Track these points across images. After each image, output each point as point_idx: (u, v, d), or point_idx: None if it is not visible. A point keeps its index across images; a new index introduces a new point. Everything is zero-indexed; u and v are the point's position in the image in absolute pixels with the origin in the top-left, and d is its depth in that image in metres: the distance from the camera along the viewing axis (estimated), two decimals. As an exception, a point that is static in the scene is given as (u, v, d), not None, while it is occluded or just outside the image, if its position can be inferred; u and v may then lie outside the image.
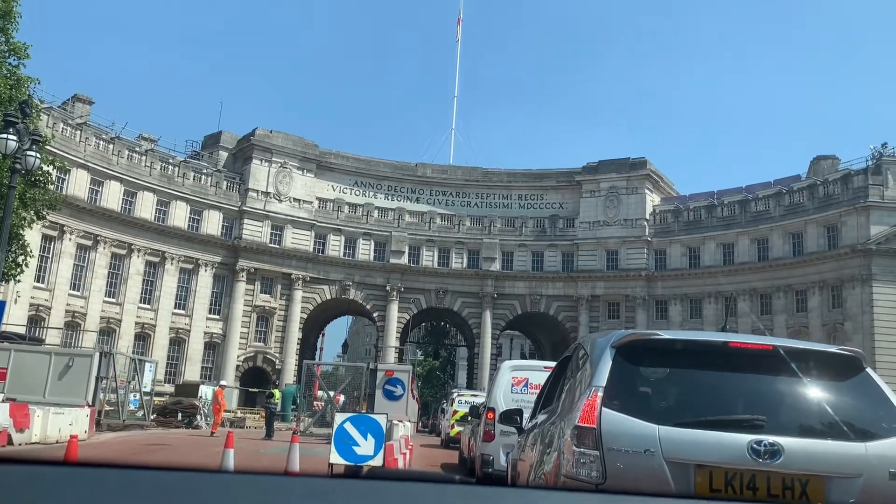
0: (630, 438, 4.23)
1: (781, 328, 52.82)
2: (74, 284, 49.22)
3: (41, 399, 22.29)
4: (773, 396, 4.51)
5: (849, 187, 50.75)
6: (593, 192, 62.89)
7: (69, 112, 50.42)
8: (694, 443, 4.17)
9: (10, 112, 19.05)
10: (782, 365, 4.47)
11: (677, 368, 4.67)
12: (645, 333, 5.00)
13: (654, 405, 4.52)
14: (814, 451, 4.13)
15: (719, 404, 4.49)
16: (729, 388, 4.63)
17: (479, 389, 49.38)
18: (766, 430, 4.15)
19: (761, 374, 4.57)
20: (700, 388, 4.61)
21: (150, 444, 22.00)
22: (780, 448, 4.07)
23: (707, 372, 4.61)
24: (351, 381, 40.77)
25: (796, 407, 4.47)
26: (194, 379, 49.23)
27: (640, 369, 4.75)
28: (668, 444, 4.16)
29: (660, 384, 4.75)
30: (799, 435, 4.20)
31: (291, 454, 13.30)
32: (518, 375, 13.45)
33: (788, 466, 4.06)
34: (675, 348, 4.80)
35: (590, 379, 4.62)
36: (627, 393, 4.53)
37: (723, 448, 4.13)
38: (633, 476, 4.15)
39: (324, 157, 63.56)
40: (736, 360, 4.63)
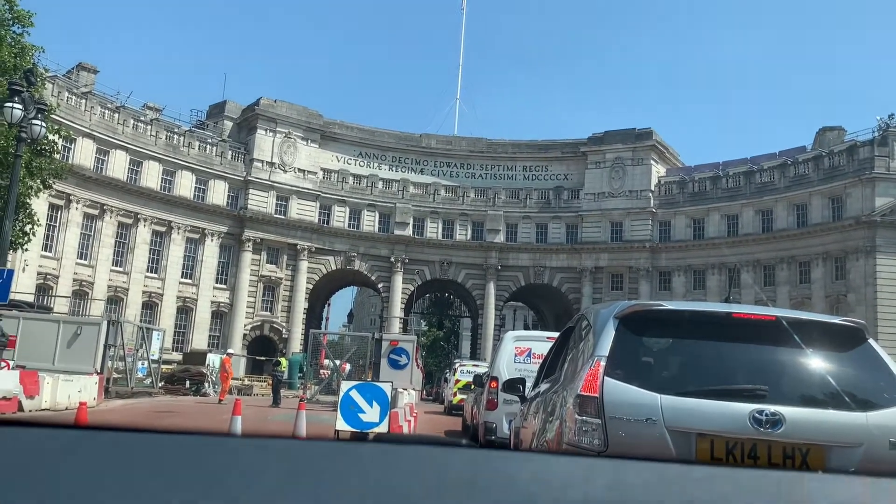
0: (632, 407, 4.28)
1: (784, 299, 52.89)
2: (81, 253, 49.47)
3: (50, 366, 22.57)
4: (775, 367, 4.55)
5: (854, 159, 50.50)
6: (598, 164, 62.66)
7: (74, 81, 50.26)
8: (696, 412, 4.22)
9: (14, 81, 19.10)
10: (785, 336, 4.50)
11: (680, 339, 4.71)
12: (648, 304, 5.06)
13: (657, 375, 4.56)
14: (815, 421, 4.18)
15: (722, 374, 4.53)
16: (731, 359, 4.65)
17: (482, 359, 49.92)
18: (768, 400, 4.19)
19: (764, 345, 4.59)
20: (702, 359, 4.67)
21: (159, 410, 22.31)
22: (782, 417, 4.11)
23: (710, 342, 4.65)
24: (356, 350, 41.21)
25: (798, 377, 4.51)
26: (202, 347, 49.61)
27: (643, 339, 4.77)
28: (670, 413, 4.21)
29: (662, 354, 4.79)
30: (800, 405, 4.24)
31: (298, 421, 13.54)
32: (521, 345, 13.67)
33: (790, 436, 4.11)
34: (678, 319, 4.85)
35: (593, 349, 4.67)
36: (630, 363, 4.56)
37: (724, 417, 4.17)
38: (635, 444, 4.21)
39: (328, 128, 63.36)
40: (739, 330, 4.64)
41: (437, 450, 1.21)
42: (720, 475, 1.21)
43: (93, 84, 51.76)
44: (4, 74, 23.33)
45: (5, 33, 24.76)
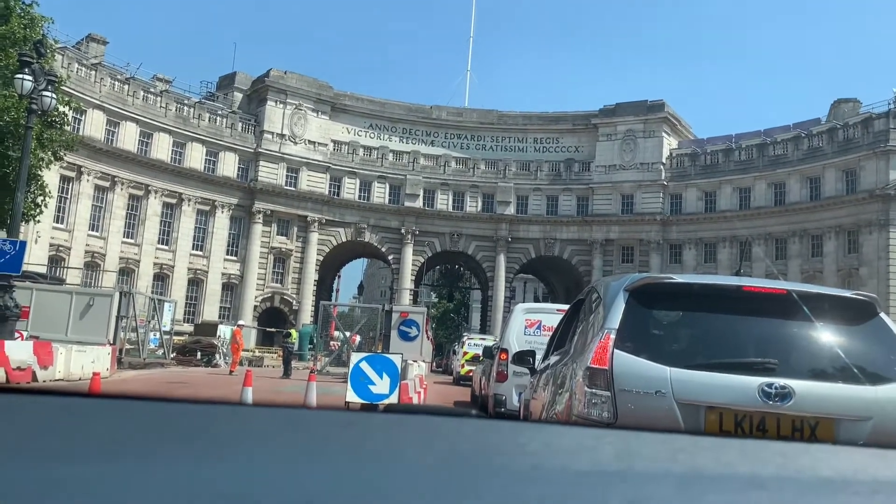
0: (641, 380, 4.27)
1: (796, 273, 52.67)
2: (93, 225, 49.72)
3: (63, 337, 22.75)
4: (785, 340, 4.54)
5: (869, 131, 49.93)
6: (610, 136, 62.25)
7: (83, 52, 50.14)
8: (705, 385, 4.20)
9: (24, 52, 19.04)
10: (795, 309, 4.44)
11: (690, 312, 4.67)
12: (658, 277, 5.03)
13: (667, 348, 4.55)
14: (824, 394, 4.16)
15: (731, 347, 4.51)
16: (741, 332, 4.64)
17: (491, 331, 50.27)
18: (778, 373, 4.17)
19: (774, 319, 4.55)
20: (712, 332, 4.64)
21: (171, 381, 22.49)
22: (791, 391, 4.09)
23: (720, 315, 4.61)
24: (367, 322, 41.35)
25: (808, 351, 4.49)
26: (213, 319, 49.94)
27: (653, 312, 4.76)
28: (680, 385, 4.20)
29: (672, 327, 4.78)
30: (810, 378, 4.23)
31: (309, 392, 13.63)
32: (531, 318, 13.62)
33: (799, 409, 4.09)
34: (689, 292, 4.80)
35: (602, 321, 4.66)
36: (640, 335, 4.55)
37: (734, 390, 4.16)
38: (644, 416, 4.21)
39: (338, 99, 63.11)
40: (749, 304, 4.62)
41: (447, 420, 1.21)
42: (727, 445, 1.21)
43: (102, 55, 51.67)
44: (14, 46, 23.29)
45: (14, 4, 24.67)
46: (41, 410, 1.12)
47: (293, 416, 1.20)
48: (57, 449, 1.00)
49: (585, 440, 1.17)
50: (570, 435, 1.23)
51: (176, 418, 1.14)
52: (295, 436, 1.12)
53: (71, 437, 1.04)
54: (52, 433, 1.05)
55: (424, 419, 1.23)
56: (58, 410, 1.13)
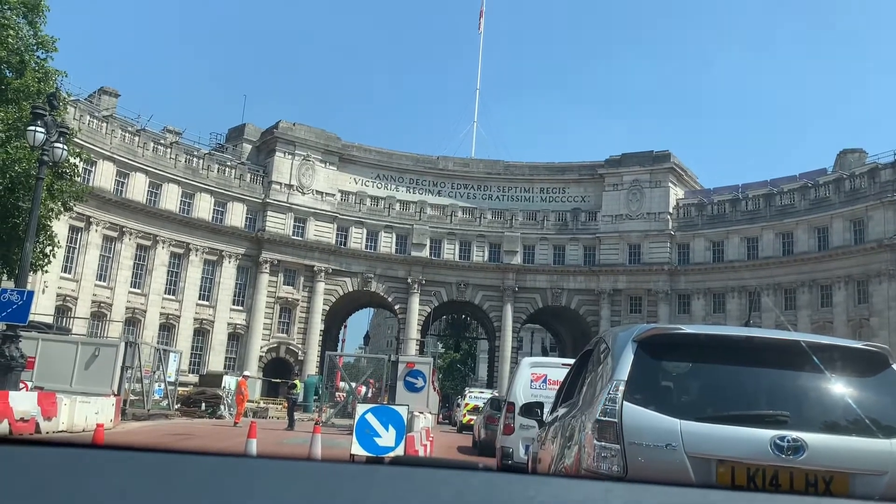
0: (652, 432, 4.19)
1: (806, 323, 52.26)
2: (100, 275, 49.88)
3: (68, 388, 22.63)
4: (796, 392, 4.45)
5: (876, 181, 50.02)
6: (616, 186, 62.52)
7: (95, 104, 50.99)
8: (716, 438, 4.12)
9: (38, 104, 19.33)
10: (806, 360, 4.36)
11: (700, 363, 4.58)
12: (667, 327, 4.95)
13: (676, 399, 4.48)
14: (838, 448, 4.06)
15: (742, 399, 4.44)
16: (752, 383, 4.55)
17: (498, 382, 50.58)
18: (790, 426, 4.09)
19: (785, 370, 4.48)
20: (723, 383, 4.56)
21: (175, 433, 22.27)
22: (804, 444, 4.01)
23: (730, 367, 4.52)
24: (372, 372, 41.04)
25: (820, 403, 4.39)
26: (218, 369, 49.67)
27: (662, 363, 4.66)
28: (690, 438, 4.11)
29: (682, 378, 4.66)
30: (823, 431, 4.14)
31: (314, 444, 13.42)
32: (537, 371, 13.87)
33: (812, 462, 4.00)
34: (698, 343, 4.73)
35: (611, 372, 4.58)
36: (649, 387, 4.48)
37: (745, 443, 4.07)
38: (655, 470, 4.10)
39: (346, 150, 63.77)
40: (759, 354, 4.55)
41: (455, 473, 1.19)
42: (738, 499, 1.19)
43: (114, 108, 52.50)
44: (28, 99, 23.65)
45: (29, 58, 25.13)
46: (44, 462, 1.12)
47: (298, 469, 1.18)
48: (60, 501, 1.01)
49: (594, 493, 1.15)
50: (578, 488, 1.20)
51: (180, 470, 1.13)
52: (300, 488, 1.11)
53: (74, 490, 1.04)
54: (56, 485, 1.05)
55: (430, 472, 1.20)
56: (61, 462, 1.12)
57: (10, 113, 23.47)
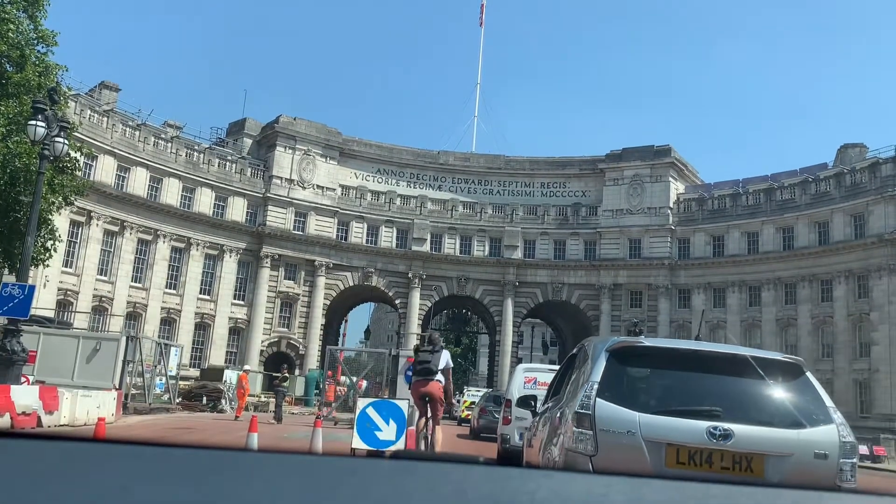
0: (617, 422, 5.36)
1: (806, 318, 52.30)
2: (102, 269, 49.92)
3: (69, 382, 22.66)
4: (729, 392, 5.65)
5: (876, 176, 49.97)
6: (616, 181, 62.48)
7: (96, 99, 50.97)
8: (665, 427, 5.29)
9: (38, 99, 19.33)
10: (739, 368, 5.68)
11: (655, 369, 5.90)
12: (632, 340, 6.22)
13: (637, 397, 5.66)
14: (758, 436, 5.24)
15: (687, 398, 5.64)
16: (695, 386, 5.77)
17: (499, 376, 51.17)
18: (722, 419, 5.24)
19: (721, 375, 5.74)
20: (672, 385, 5.81)
21: (176, 427, 22.31)
22: (732, 432, 5.16)
23: (678, 372, 5.80)
24: (373, 366, 41.09)
25: (747, 401, 5.62)
26: (219, 363, 49.77)
27: (627, 369, 5.86)
28: (646, 427, 5.29)
29: (642, 381, 5.93)
30: (747, 423, 5.29)
31: (315, 438, 13.45)
32: (529, 375, 16.90)
33: (738, 447, 5.16)
34: (655, 354, 6.02)
35: (588, 375, 5.76)
36: (616, 387, 5.63)
37: (687, 431, 5.24)
38: (618, 451, 5.29)
39: (347, 145, 63.73)
40: (702, 364, 5.85)
41: (455, 467, 1.20)
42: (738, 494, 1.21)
43: (115, 102, 52.49)
44: (28, 93, 23.66)
45: (30, 52, 25.12)
46: (46, 456, 1.12)
47: (299, 463, 1.19)
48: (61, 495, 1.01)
49: (595, 488, 1.16)
50: (579, 483, 1.22)
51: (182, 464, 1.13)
52: (301, 483, 1.11)
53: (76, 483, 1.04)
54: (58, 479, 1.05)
55: (431, 466, 1.21)
56: (63, 456, 1.12)
57: (10, 107, 23.49)
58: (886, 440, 40.73)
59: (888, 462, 37.88)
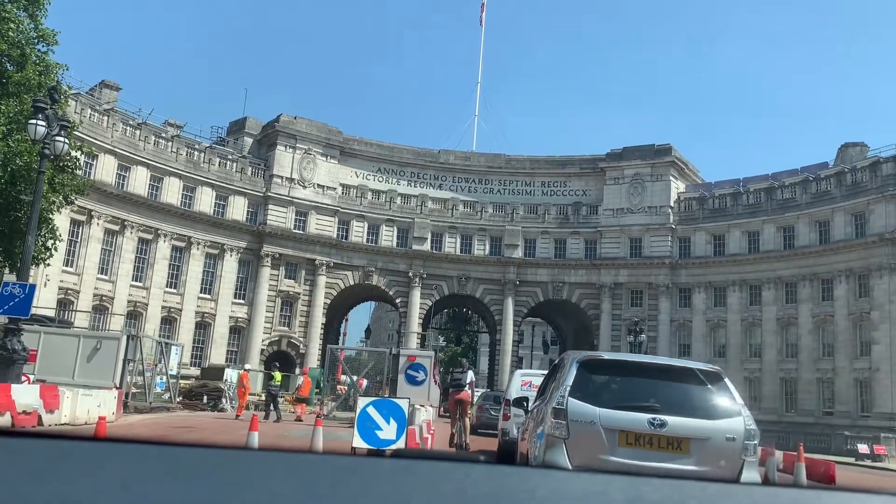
0: (583, 414, 7.22)
1: (807, 317, 52.26)
2: (102, 269, 49.91)
3: (70, 381, 22.68)
4: (665, 393, 7.54)
5: (877, 175, 49.92)
6: (617, 180, 62.43)
7: (97, 98, 50.94)
8: (618, 418, 7.16)
9: (39, 98, 19.33)
10: (674, 375, 7.93)
11: (612, 376, 7.96)
12: (596, 355, 8.57)
13: (598, 396, 7.49)
14: (685, 424, 7.11)
15: (634, 397, 7.50)
16: (641, 388, 7.68)
17: (499, 375, 51.15)
18: (659, 412, 7.09)
19: (661, 381, 7.82)
20: (624, 388, 7.76)
21: (177, 426, 22.33)
22: (666, 422, 7.02)
23: (629, 378, 7.89)
24: (374, 365, 41.07)
25: (678, 399, 7.47)
26: (220, 362, 49.74)
27: (592, 376, 7.78)
28: (604, 418, 7.16)
29: (602, 384, 7.81)
30: (678, 415, 7.15)
31: (315, 437, 13.44)
32: (525, 379, 19.57)
33: (670, 432, 7.02)
34: (612, 364, 8.30)
35: (564, 380, 7.71)
36: (583, 389, 7.50)
37: (633, 421, 7.10)
38: (584, 435, 7.17)
39: (347, 144, 63.69)
40: (647, 372, 8.09)
41: (456, 466, 1.20)
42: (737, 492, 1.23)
43: (115, 101, 52.47)
44: (29, 92, 23.68)
45: (30, 51, 25.14)
46: (46, 455, 1.12)
47: (299, 462, 1.19)
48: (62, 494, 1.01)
49: (594, 486, 1.17)
50: (578, 481, 1.22)
51: (181, 463, 1.13)
52: (301, 481, 1.11)
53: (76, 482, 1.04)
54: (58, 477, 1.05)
55: (432, 465, 1.22)
56: (63, 455, 1.12)
57: (10, 106, 23.51)
58: (887, 439, 40.72)
59: (888, 461, 37.90)
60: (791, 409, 52.05)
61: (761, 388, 53.81)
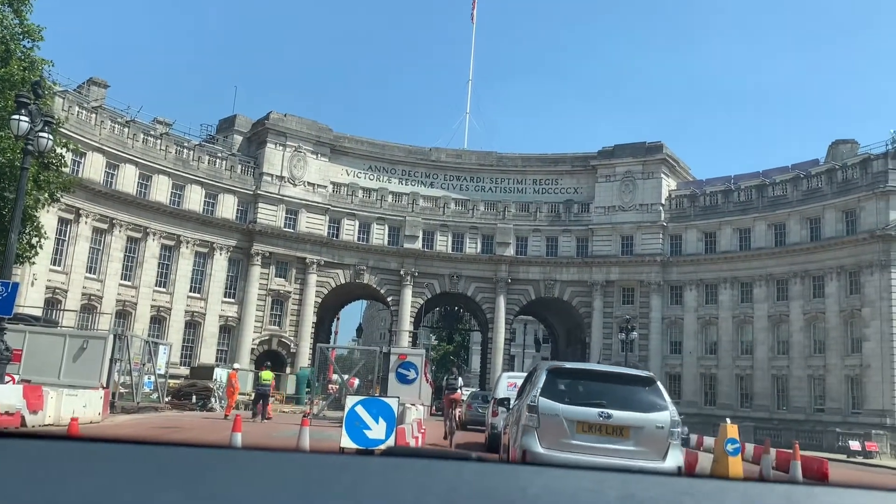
0: (549, 409, 9.59)
1: (798, 314, 52.31)
2: (90, 267, 49.48)
3: (56, 381, 22.42)
4: (612, 393, 9.90)
5: (868, 172, 49.98)
6: (609, 177, 62.35)
7: (85, 95, 50.50)
8: (575, 412, 9.55)
9: (21, 93, 19.00)
10: (618, 379, 10.50)
11: (572, 380, 10.34)
12: (560, 364, 10.95)
13: (561, 396, 9.80)
14: (626, 416, 9.48)
15: (588, 396, 9.81)
16: (594, 390, 10.00)
17: (491, 374, 51.43)
18: (606, 407, 9.47)
19: (608, 384, 10.23)
20: (581, 389, 10.04)
21: (163, 426, 22.08)
22: (612, 415, 9.41)
23: (585, 381, 10.33)
24: (365, 364, 40.82)
25: (621, 398, 9.79)
26: (209, 362, 49.42)
27: (557, 380, 10.11)
28: (565, 412, 9.54)
29: (564, 387, 10.04)
30: (621, 409, 9.51)
31: (302, 437, 13.22)
32: (511, 381, 22.37)
33: (615, 422, 9.42)
34: (572, 371, 10.80)
35: (536, 383, 10.16)
36: (551, 390, 9.85)
37: (587, 414, 9.49)
38: (550, 425, 9.51)
39: (338, 142, 63.38)
40: (599, 377, 10.57)
41: (448, 463, 1.19)
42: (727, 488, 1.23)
43: (103, 98, 52.00)
44: (13, 88, 23.32)
45: (15, 47, 24.80)
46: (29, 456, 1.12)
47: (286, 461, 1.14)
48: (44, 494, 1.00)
49: (586, 483, 1.18)
50: (570, 478, 1.20)
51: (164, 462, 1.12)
52: (287, 481, 1.10)
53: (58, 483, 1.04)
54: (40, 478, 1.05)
55: (423, 463, 1.19)
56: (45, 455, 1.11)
57: (-6, 102, 23.16)
58: (878, 436, 40.78)
59: (880, 458, 37.92)
60: (783, 406, 52.10)
61: (753, 385, 53.86)
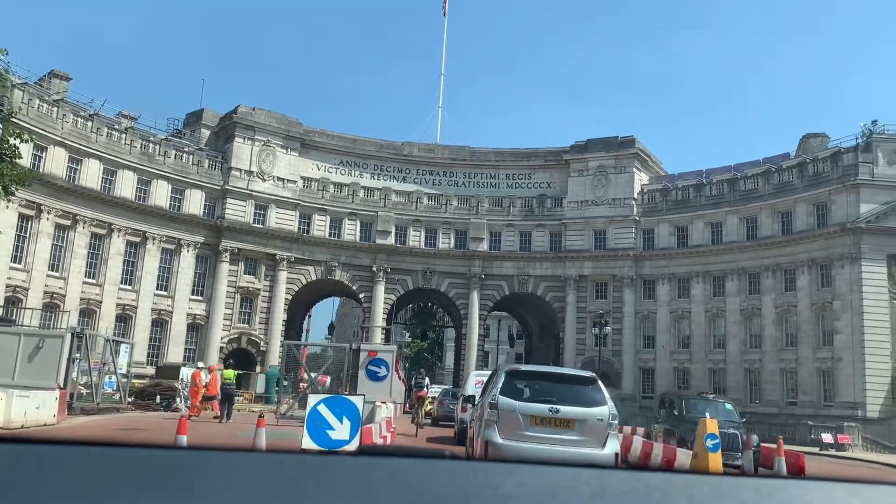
0: (507, 406, 11.51)
1: (770, 308, 52.42)
2: (53, 265, 48.13)
3: (10, 382, 21.55)
4: (560, 391, 11.82)
5: (838, 165, 50.15)
6: (581, 172, 62.06)
7: (46, 88, 49.09)
8: (529, 408, 11.51)
9: (-32, 81, 18.09)
10: (566, 380, 12.82)
11: (528, 381, 12.24)
12: (517, 366, 15.04)
13: (518, 394, 11.73)
14: (572, 411, 11.43)
15: (540, 394, 11.69)
16: (545, 389, 11.91)
17: (465, 369, 50.64)
18: (556, 403, 11.45)
19: (558, 383, 12.27)
20: (536, 389, 11.92)
21: (124, 427, 21.28)
22: (559, 410, 11.37)
23: (539, 381, 12.24)
24: (335, 362, 40.12)
25: (569, 395, 11.71)
26: (177, 361, 48.39)
27: (514, 380, 12.10)
28: (520, 408, 11.49)
29: (521, 386, 11.94)
30: (568, 405, 11.45)
31: (257, 439, 12.55)
32: (478, 379, 23.88)
33: (563, 416, 11.40)
34: (528, 373, 13.04)
35: (497, 383, 12.03)
36: (509, 389, 11.76)
37: (539, 409, 11.44)
38: (508, 419, 11.41)
39: (308, 136, 62.40)
40: (551, 377, 12.82)
41: (421, 462, 1.17)
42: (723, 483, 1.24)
43: (65, 92, 50.59)
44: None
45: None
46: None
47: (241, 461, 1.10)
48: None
49: (560, 480, 1.17)
50: (543, 475, 1.18)
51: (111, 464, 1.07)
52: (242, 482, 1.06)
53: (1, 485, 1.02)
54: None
55: (393, 462, 1.17)
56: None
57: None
58: (850, 428, 40.87)
59: (852, 450, 37.98)
60: (755, 399, 52.16)
61: (725, 378, 53.89)
